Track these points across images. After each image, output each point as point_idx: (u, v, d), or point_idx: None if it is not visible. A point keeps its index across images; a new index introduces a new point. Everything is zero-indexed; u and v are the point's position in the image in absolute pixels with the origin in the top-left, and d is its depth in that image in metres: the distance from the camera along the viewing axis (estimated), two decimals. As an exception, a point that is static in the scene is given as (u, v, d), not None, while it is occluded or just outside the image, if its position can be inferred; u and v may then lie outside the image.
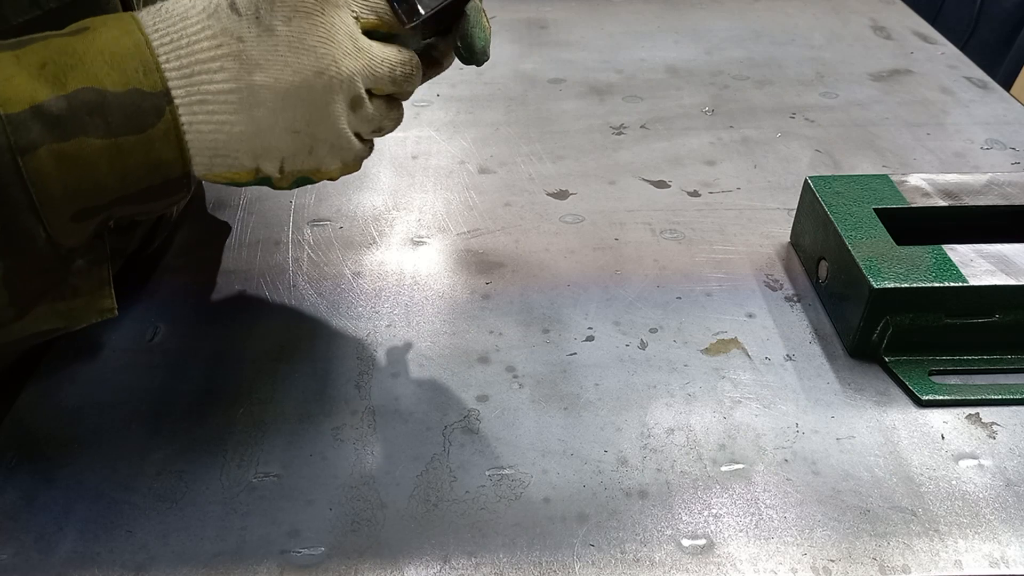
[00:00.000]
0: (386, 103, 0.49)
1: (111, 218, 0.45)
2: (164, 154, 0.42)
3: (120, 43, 0.41)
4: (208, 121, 0.43)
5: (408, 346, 0.62)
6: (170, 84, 0.42)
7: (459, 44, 0.51)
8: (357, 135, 0.49)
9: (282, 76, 0.43)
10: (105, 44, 0.41)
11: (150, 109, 0.41)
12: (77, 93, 0.40)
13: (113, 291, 0.49)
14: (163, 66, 0.42)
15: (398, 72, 0.48)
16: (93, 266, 0.48)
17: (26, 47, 0.41)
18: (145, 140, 0.42)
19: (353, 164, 0.50)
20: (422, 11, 0.47)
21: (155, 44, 0.42)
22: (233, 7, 0.42)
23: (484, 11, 0.52)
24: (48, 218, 0.41)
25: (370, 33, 0.48)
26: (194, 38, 0.42)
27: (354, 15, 0.46)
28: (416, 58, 0.49)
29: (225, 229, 0.74)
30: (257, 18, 0.42)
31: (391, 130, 0.51)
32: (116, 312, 0.49)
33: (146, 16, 0.43)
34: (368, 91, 0.48)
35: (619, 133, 0.89)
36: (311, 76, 0.44)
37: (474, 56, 0.51)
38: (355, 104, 0.47)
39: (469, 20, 0.51)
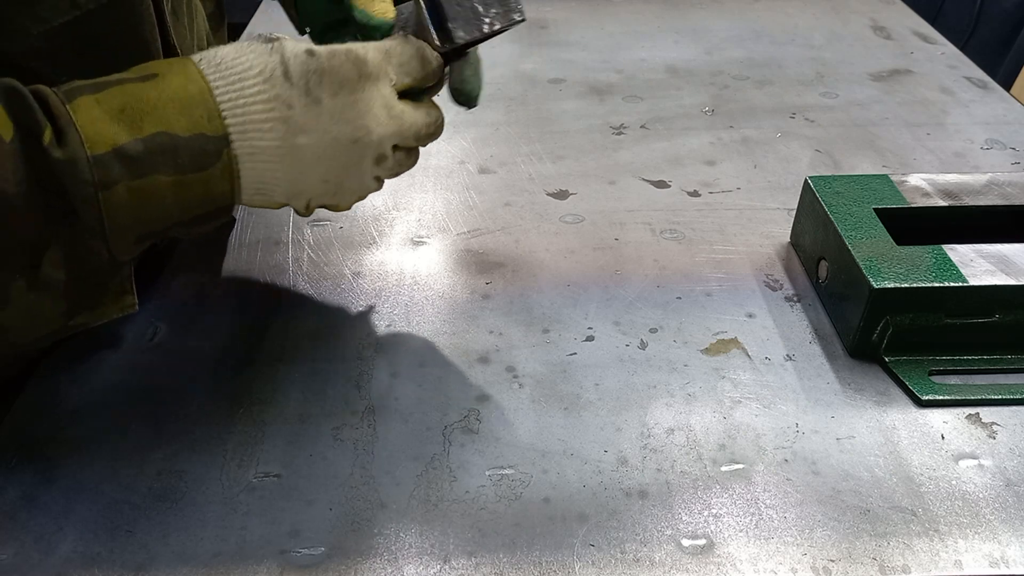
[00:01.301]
0: (406, 152, 0.54)
1: (165, 238, 0.50)
2: (220, 188, 0.48)
3: (187, 90, 0.46)
4: (255, 168, 0.49)
5: (408, 346, 0.62)
6: (229, 131, 0.47)
7: (457, 87, 0.57)
8: (377, 178, 0.54)
9: (322, 141, 0.49)
10: (175, 92, 0.46)
11: (212, 151, 0.47)
12: (153, 137, 0.45)
13: (134, 287, 0.52)
14: (223, 114, 0.47)
15: (423, 133, 0.53)
16: (115, 263, 0.50)
17: (104, 91, 0.45)
18: (206, 177, 0.47)
19: (365, 198, 0.56)
20: (457, 41, 0.52)
21: (217, 94, 0.47)
22: (287, 75, 0.47)
23: (479, 58, 0.58)
24: (113, 241, 0.46)
25: (405, 91, 0.52)
26: (250, 99, 0.47)
27: (392, 82, 0.51)
28: (441, 116, 0.54)
29: (226, 229, 0.74)
30: (307, 90, 0.48)
31: (406, 171, 0.56)
32: (136, 308, 0.52)
33: (206, 66, 0.47)
34: (394, 146, 0.52)
35: (619, 133, 0.89)
36: (347, 143, 0.50)
37: (470, 101, 0.58)
38: (380, 159, 0.52)
39: (471, 67, 0.57)
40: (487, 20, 0.52)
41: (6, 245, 0.43)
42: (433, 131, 0.54)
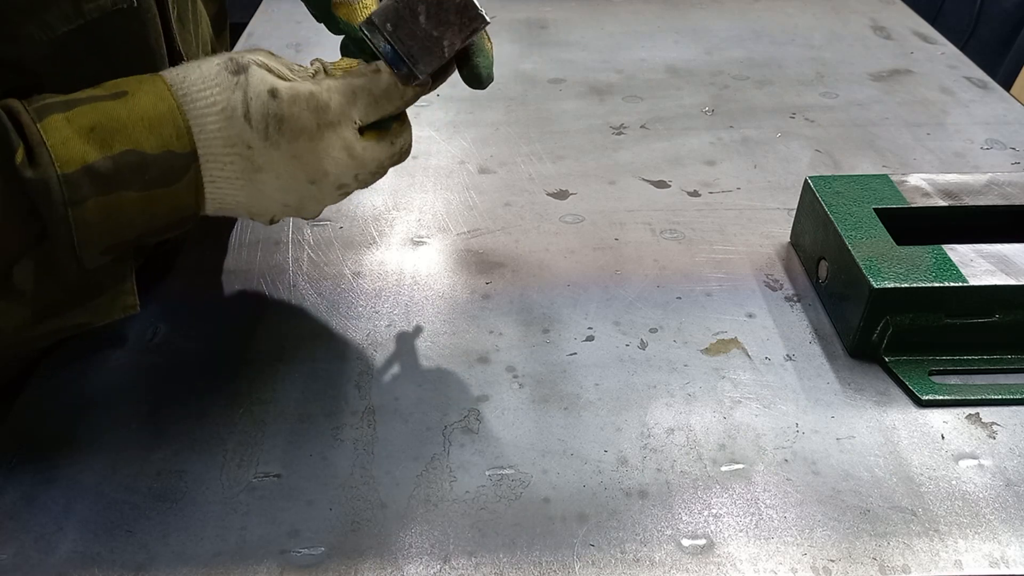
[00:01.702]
0: (371, 173, 0.54)
1: (133, 246, 0.51)
2: (185, 200, 0.49)
3: (156, 109, 0.47)
4: (216, 193, 0.50)
5: (408, 346, 0.62)
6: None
7: (465, 73, 0.54)
8: (342, 195, 0.54)
9: (280, 180, 0.50)
10: (144, 110, 0.47)
11: (180, 167, 0.48)
12: (122, 155, 0.46)
13: (135, 288, 0.53)
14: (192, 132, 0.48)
15: (386, 165, 0.53)
16: (116, 264, 0.51)
17: (75, 109, 0.46)
18: (172, 192, 0.48)
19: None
20: (419, 76, 0.50)
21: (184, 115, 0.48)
22: (247, 116, 0.48)
23: (486, 33, 0.54)
24: (82, 253, 0.47)
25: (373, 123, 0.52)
26: (212, 135, 0.48)
27: (356, 124, 0.51)
28: (408, 142, 0.54)
29: (225, 229, 0.74)
30: (266, 135, 0.49)
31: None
32: (138, 308, 0.54)
33: (176, 88, 0.48)
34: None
35: (619, 133, 0.89)
36: (304, 183, 0.51)
37: (480, 84, 0.55)
38: (342, 188, 0.53)
39: (473, 50, 0.53)
40: (446, 43, 0.49)
41: None
42: (397, 160, 0.54)
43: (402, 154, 0.54)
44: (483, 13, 0.49)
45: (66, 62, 0.50)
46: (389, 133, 0.53)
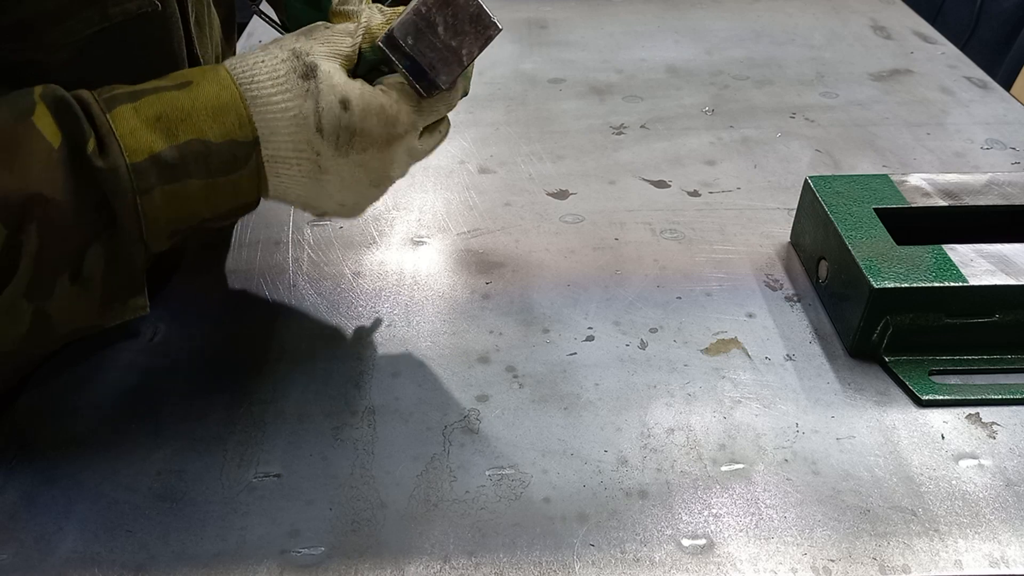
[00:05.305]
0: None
1: (196, 231, 0.52)
2: (247, 188, 0.51)
3: (220, 98, 0.48)
4: (279, 186, 0.52)
5: (408, 346, 0.62)
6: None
7: None
8: None
9: (343, 183, 0.52)
10: (208, 99, 0.48)
11: (242, 156, 0.49)
12: (187, 144, 0.47)
13: (146, 289, 0.53)
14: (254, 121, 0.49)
15: (432, 151, 0.56)
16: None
17: (141, 100, 0.47)
18: (235, 179, 0.49)
19: None
20: (441, 86, 0.51)
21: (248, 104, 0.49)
22: (319, 127, 0.49)
23: None
24: (149, 241, 0.49)
25: None
26: (282, 140, 0.50)
27: (419, 131, 0.53)
28: (449, 126, 0.57)
29: (225, 229, 0.74)
30: (336, 144, 0.50)
31: None
32: (147, 310, 0.53)
33: (239, 75, 0.49)
34: None
35: (619, 133, 0.89)
36: (366, 186, 0.53)
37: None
38: (395, 179, 0.56)
39: None
40: (464, 52, 0.51)
41: (55, 247, 0.45)
42: (440, 144, 0.57)
43: (444, 137, 0.57)
44: (496, 21, 0.51)
45: (86, 66, 0.50)
46: (438, 124, 0.55)
